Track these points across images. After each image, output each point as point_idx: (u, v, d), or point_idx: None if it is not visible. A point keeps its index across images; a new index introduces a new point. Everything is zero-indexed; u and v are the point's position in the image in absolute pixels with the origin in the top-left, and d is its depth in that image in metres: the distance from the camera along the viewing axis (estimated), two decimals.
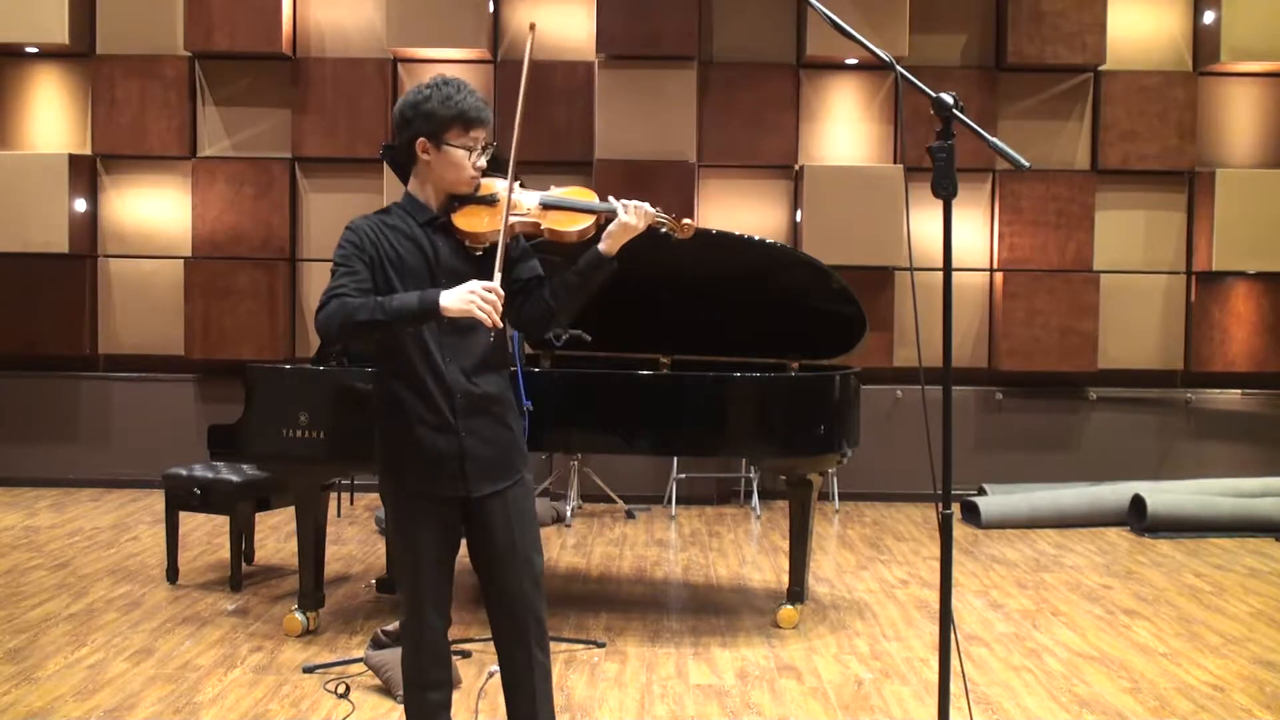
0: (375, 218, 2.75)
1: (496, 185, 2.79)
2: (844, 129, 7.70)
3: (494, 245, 2.67)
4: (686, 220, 2.88)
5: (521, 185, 2.81)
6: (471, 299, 2.52)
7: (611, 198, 2.80)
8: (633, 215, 2.73)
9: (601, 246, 2.74)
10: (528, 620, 2.82)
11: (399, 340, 2.69)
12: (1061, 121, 7.66)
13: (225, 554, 5.68)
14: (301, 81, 7.58)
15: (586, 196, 2.82)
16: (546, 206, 2.79)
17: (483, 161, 2.75)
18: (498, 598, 2.83)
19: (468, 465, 2.73)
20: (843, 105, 7.69)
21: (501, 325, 2.58)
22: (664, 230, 2.86)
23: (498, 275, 2.59)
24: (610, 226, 2.75)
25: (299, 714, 3.73)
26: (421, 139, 2.71)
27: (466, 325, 2.63)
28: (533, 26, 2.93)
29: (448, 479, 2.73)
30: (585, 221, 2.77)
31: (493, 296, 2.53)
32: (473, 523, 2.80)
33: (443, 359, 2.70)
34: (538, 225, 2.76)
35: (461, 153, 2.71)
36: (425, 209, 2.76)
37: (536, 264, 2.84)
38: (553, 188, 2.85)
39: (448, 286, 2.60)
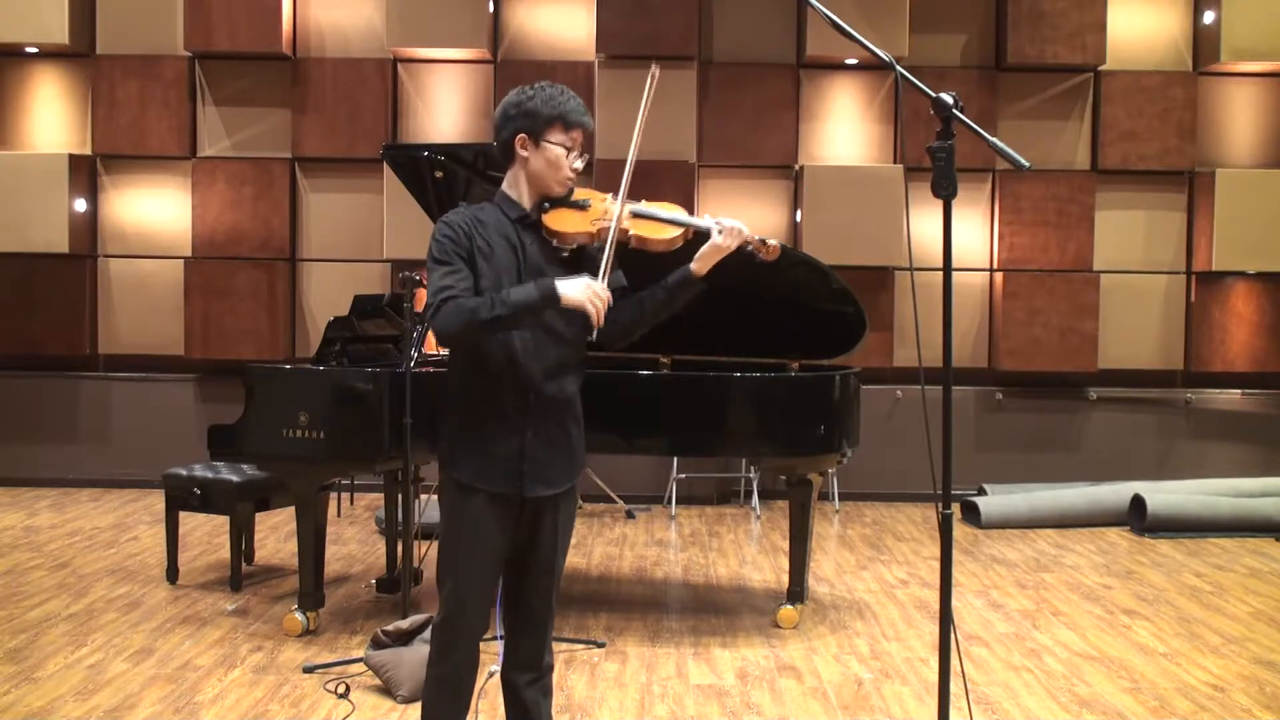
0: (468, 212, 2.77)
1: (589, 192, 2.84)
2: (844, 129, 7.70)
3: (580, 247, 2.75)
4: (773, 242, 2.87)
5: (614, 196, 2.85)
6: (589, 293, 2.59)
7: (708, 216, 2.82)
8: (726, 237, 2.75)
9: (693, 266, 2.76)
10: (547, 623, 2.85)
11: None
12: (1061, 121, 7.66)
13: (225, 554, 5.68)
14: (301, 81, 7.58)
15: (676, 212, 2.86)
16: (637, 215, 2.83)
17: (579, 164, 2.78)
18: (521, 597, 2.83)
19: (526, 465, 2.72)
20: (843, 105, 7.69)
21: (603, 326, 2.63)
22: (749, 249, 2.87)
23: (604, 277, 2.65)
24: (703, 248, 2.76)
25: (299, 714, 3.73)
26: (522, 135, 2.73)
27: (551, 325, 2.68)
28: (653, 76, 2.89)
29: (504, 476, 2.72)
30: (673, 232, 2.80)
31: (605, 297, 2.60)
32: (521, 524, 2.79)
33: (523, 356, 2.70)
34: (626, 231, 2.80)
35: (559, 151, 2.73)
36: (517, 206, 2.78)
37: (622, 275, 2.86)
38: (644, 201, 2.88)
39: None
